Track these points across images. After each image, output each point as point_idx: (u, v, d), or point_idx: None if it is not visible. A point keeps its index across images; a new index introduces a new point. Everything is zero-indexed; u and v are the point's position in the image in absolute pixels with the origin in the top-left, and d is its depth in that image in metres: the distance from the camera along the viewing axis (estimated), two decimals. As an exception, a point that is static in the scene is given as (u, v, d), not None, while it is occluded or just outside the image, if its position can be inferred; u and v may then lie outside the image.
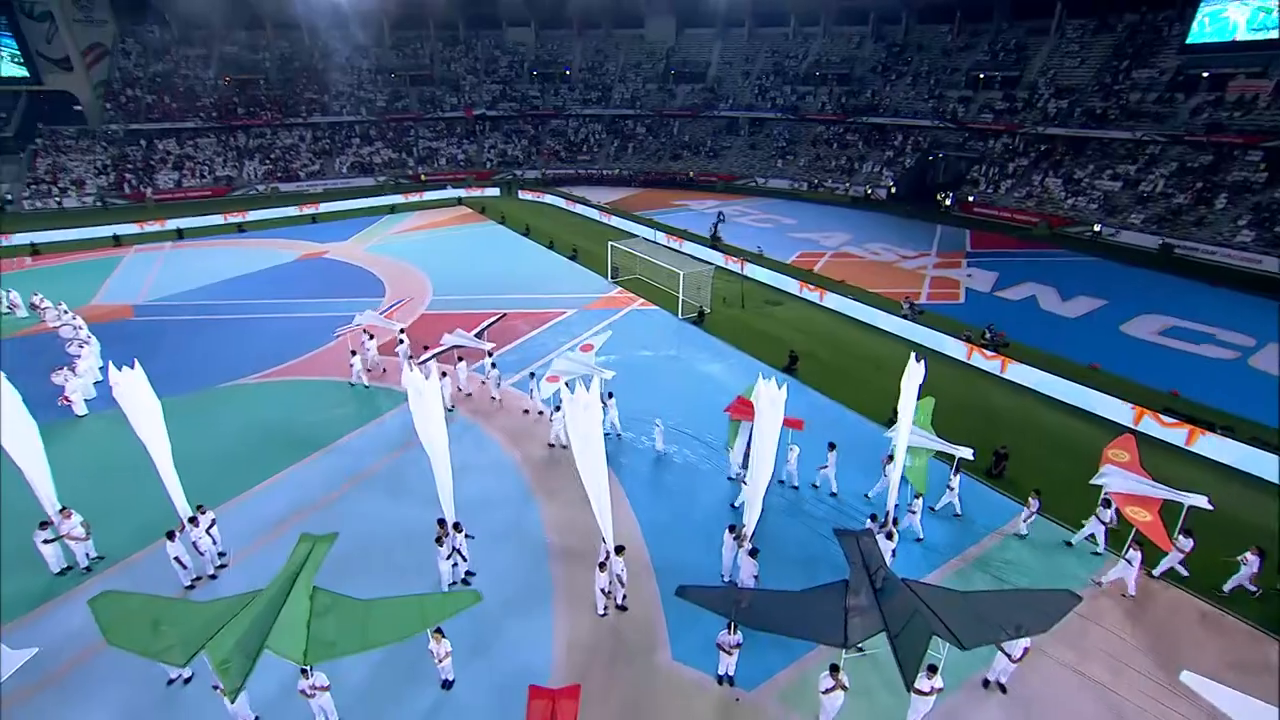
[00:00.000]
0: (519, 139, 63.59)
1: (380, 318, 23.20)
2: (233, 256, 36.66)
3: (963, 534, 14.57)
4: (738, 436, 15.44)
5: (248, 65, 60.80)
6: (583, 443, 10.86)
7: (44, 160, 50.71)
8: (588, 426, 10.70)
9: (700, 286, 27.95)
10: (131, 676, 11.04)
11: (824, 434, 17.25)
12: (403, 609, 10.12)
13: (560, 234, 39.40)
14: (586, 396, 10.51)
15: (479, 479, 16.54)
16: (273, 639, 9.34)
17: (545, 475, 16.74)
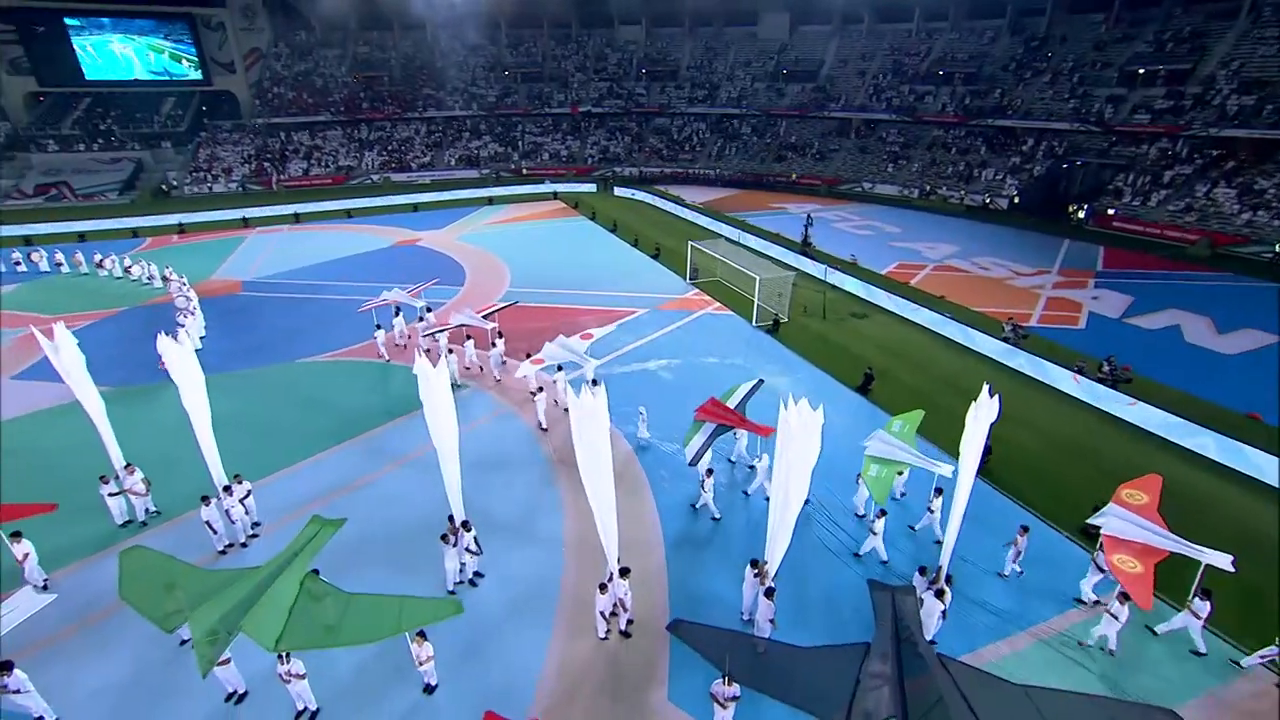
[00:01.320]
0: (622, 136, 63.75)
1: (407, 295, 24.03)
2: (337, 240, 39.13)
3: (1039, 601, 12.29)
4: (696, 435, 14.68)
5: (376, 63, 65.19)
6: (588, 454, 9.99)
7: (205, 151, 56.88)
8: (594, 436, 9.81)
9: (780, 293, 26.27)
10: (152, 632, 11.42)
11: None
12: (382, 609, 9.74)
13: (647, 232, 38.81)
14: (592, 403, 9.61)
15: (508, 472, 16.16)
16: (250, 620, 9.24)
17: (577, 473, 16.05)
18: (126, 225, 41.89)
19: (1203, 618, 10.87)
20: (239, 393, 20.59)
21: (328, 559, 12.34)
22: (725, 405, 15.46)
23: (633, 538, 13.87)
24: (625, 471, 16.24)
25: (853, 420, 18.46)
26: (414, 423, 18.48)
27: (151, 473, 14.99)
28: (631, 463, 16.65)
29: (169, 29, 58.47)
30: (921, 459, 13.23)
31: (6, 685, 9.90)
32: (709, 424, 14.77)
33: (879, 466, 13.09)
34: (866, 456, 13.40)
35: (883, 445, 13.45)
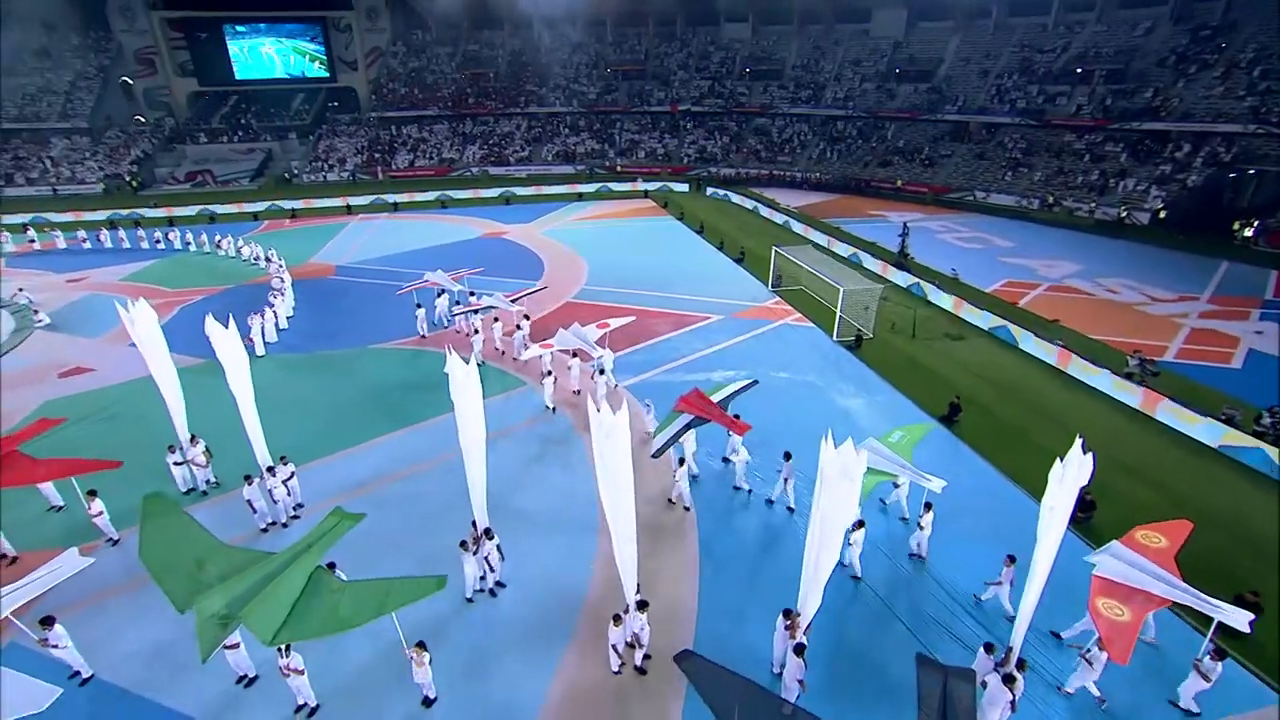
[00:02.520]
0: (720, 136, 62.34)
1: (447, 278, 24.73)
2: (429, 230, 40.55)
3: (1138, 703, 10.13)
4: (669, 425, 14.30)
5: (484, 60, 67.52)
6: (607, 476, 9.11)
7: (324, 143, 61.12)
8: (614, 458, 8.92)
9: (867, 306, 24.26)
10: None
11: (970, 510, 13.59)
12: (371, 592, 9.41)
13: (734, 234, 37.46)
14: (612, 420, 8.73)
15: (552, 473, 15.60)
16: (251, 610, 9.10)
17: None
18: (250, 209, 45.60)
19: (1212, 680, 9.51)
20: (308, 373, 21.44)
21: (353, 552, 12.34)
22: (708, 399, 14.92)
23: (663, 563, 12.90)
24: (667, 490, 15.24)
25: (932, 453, 16.45)
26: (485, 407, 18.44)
27: (217, 446, 15.64)
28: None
29: (307, 31, 63.34)
30: (912, 471, 12.39)
31: (47, 639, 10.41)
32: (685, 416, 14.36)
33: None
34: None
35: (870, 454, 12.34)
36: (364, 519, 11.57)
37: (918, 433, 14.25)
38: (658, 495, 15.01)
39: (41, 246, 37.22)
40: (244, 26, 61.86)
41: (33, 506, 14.73)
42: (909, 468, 12.54)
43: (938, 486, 12.27)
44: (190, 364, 22.02)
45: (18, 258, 35.73)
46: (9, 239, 37.40)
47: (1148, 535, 10.74)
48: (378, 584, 9.64)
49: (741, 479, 15.06)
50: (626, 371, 20.87)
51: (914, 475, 12.38)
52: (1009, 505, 14.62)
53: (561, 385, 19.40)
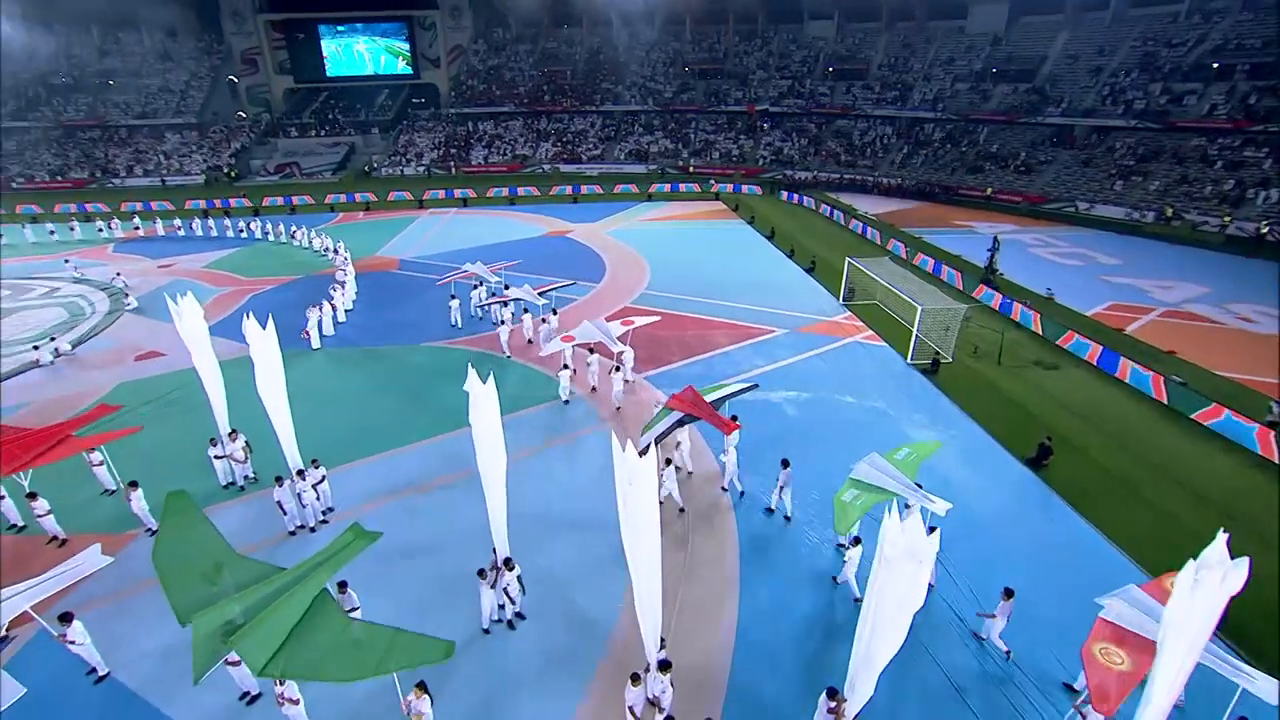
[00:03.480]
0: (798, 138, 60.02)
1: (485, 270, 25.05)
2: (495, 226, 40.67)
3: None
4: (658, 423, 13.94)
5: (562, 58, 67.81)
6: (631, 523, 8.04)
7: (404, 138, 63.00)
8: (638, 508, 7.82)
9: (948, 327, 22.07)
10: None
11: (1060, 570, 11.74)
12: (371, 643, 8.65)
13: (806, 242, 35.55)
14: (635, 462, 7.62)
15: (588, 496, 14.63)
16: (244, 634, 8.58)
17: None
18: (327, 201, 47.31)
19: None
20: (358, 370, 21.41)
21: (371, 566, 11.81)
22: (701, 397, 14.45)
23: (694, 616, 11.64)
24: (708, 521, 13.99)
25: (1015, 502, 14.50)
26: (514, 425, 17.75)
27: (260, 441, 15.58)
28: (718, 514, 14.27)
29: (394, 30, 65.55)
30: (914, 491, 11.51)
31: (65, 635, 10.33)
32: (674, 414, 14.04)
33: (856, 492, 11.61)
34: (849, 479, 11.92)
35: (870, 470, 11.90)
36: (379, 538, 10.92)
37: (925, 450, 13.25)
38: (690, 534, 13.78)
39: (144, 233, 39.76)
40: (340, 26, 64.64)
41: (87, 490, 15.06)
42: (913, 488, 11.61)
43: (941, 509, 11.31)
44: (247, 354, 22.58)
45: (124, 243, 38.26)
46: (119, 225, 40.15)
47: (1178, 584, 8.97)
48: (380, 634, 8.86)
49: (734, 478, 14.71)
50: (674, 385, 19.54)
51: (917, 496, 11.47)
52: (1107, 569, 12.49)
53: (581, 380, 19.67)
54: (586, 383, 19.67)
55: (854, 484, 11.84)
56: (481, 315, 25.08)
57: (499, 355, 21.95)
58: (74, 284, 30.50)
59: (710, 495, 14.81)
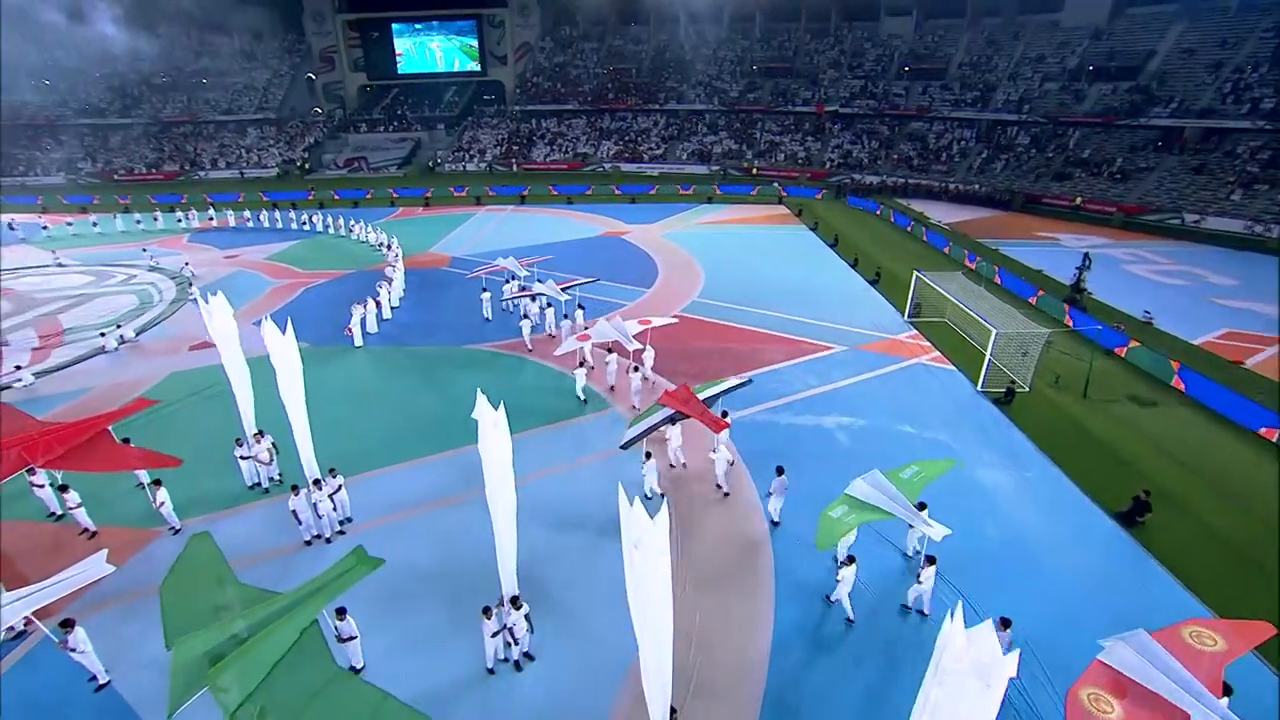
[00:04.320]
0: (868, 140, 57.22)
1: (517, 265, 25.77)
2: (551, 224, 40.25)
3: None
4: (646, 418, 13.93)
5: (628, 56, 67.14)
6: (640, 593, 6.97)
7: (468, 134, 63.77)
8: (644, 573, 6.74)
9: (1026, 352, 19.92)
10: (211, 618, 11.22)
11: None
12: (355, 705, 7.87)
13: (871, 251, 33.44)
14: (643, 523, 6.53)
15: (603, 525, 13.60)
16: (224, 667, 7.98)
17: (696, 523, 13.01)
18: (387, 195, 48.18)
19: None
20: (396, 371, 21.08)
21: (379, 586, 11.26)
22: (694, 395, 14.42)
23: (723, 664, 10.46)
24: (744, 561, 12.72)
25: (1101, 563, 12.57)
26: (551, 435, 16.96)
27: (288, 442, 15.32)
28: (755, 552, 12.96)
29: (464, 27, 66.54)
30: (911, 513, 10.97)
31: (66, 642, 10.11)
32: (664, 410, 14.05)
33: (846, 509, 11.08)
34: (843, 495, 11.41)
35: (867, 487, 11.31)
36: (381, 565, 10.22)
37: (935, 470, 12.48)
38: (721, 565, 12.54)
39: (218, 224, 41.44)
40: (411, 25, 66.12)
41: (122, 483, 15.14)
42: (912, 510, 11.05)
43: (938, 534, 10.90)
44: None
45: (199, 233, 39.96)
46: (195, 216, 42.00)
47: (1199, 633, 8.58)
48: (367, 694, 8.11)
49: (722, 478, 14.51)
50: (719, 404, 18.37)
51: (914, 519, 10.97)
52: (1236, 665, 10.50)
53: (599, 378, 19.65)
54: (605, 381, 19.43)
55: (847, 500, 11.30)
56: (510, 309, 24.87)
57: (532, 360, 21.31)
58: (149, 272, 31.85)
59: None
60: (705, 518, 13.87)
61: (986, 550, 12.75)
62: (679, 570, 12.31)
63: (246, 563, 12.83)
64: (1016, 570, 12.31)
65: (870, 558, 12.20)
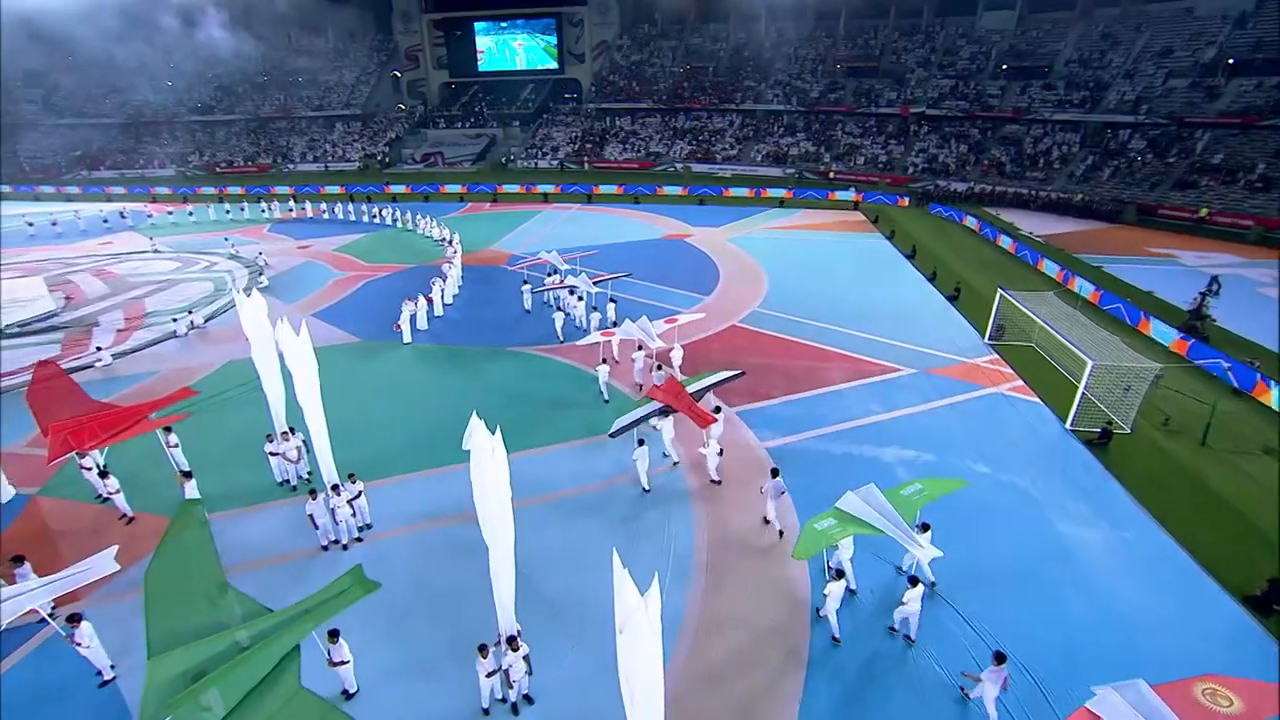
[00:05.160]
0: (956, 144, 53.48)
1: (559, 259, 26.60)
2: (615, 225, 39.57)
3: None
4: (635, 410, 14.31)
5: (705, 55, 65.75)
6: (631, 668, 5.90)
7: (542, 131, 64.20)
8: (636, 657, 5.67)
9: (1129, 386, 17.43)
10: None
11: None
12: None
13: (952, 264, 30.84)
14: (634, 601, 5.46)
15: (640, 555, 12.51)
16: (201, 689, 7.52)
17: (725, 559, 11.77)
18: (457, 190, 48.99)
19: None
20: (439, 371, 20.80)
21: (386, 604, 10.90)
22: (683, 389, 14.75)
23: None
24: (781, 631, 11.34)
25: (1226, 661, 10.38)
26: (584, 454, 16.04)
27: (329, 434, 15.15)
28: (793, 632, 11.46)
29: (544, 26, 67.13)
30: (902, 532, 10.46)
31: (73, 636, 10.03)
32: (652, 403, 14.41)
33: (833, 522, 10.67)
34: (833, 508, 11.02)
35: (859, 502, 10.88)
36: (378, 590, 9.55)
37: (939, 489, 11.81)
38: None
39: (296, 215, 43.23)
40: (492, 24, 67.33)
41: (166, 470, 15.36)
42: (904, 528, 10.46)
43: (926, 556, 10.53)
44: (340, 342, 22.90)
45: (279, 224, 41.78)
46: (277, 207, 44.01)
47: (1214, 691, 7.61)
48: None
49: (714, 471, 14.50)
50: (769, 427, 16.97)
51: (902, 538, 10.39)
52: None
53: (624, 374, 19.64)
54: (632, 379, 19.27)
55: (835, 513, 10.89)
56: (549, 302, 25.14)
57: (571, 365, 20.58)
58: (228, 260, 33.36)
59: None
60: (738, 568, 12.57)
61: (1070, 628, 10.83)
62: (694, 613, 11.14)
63: (262, 564, 12.64)
64: (1108, 657, 10.36)
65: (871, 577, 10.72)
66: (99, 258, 34.92)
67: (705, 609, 11.36)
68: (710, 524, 13.54)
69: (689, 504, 14.14)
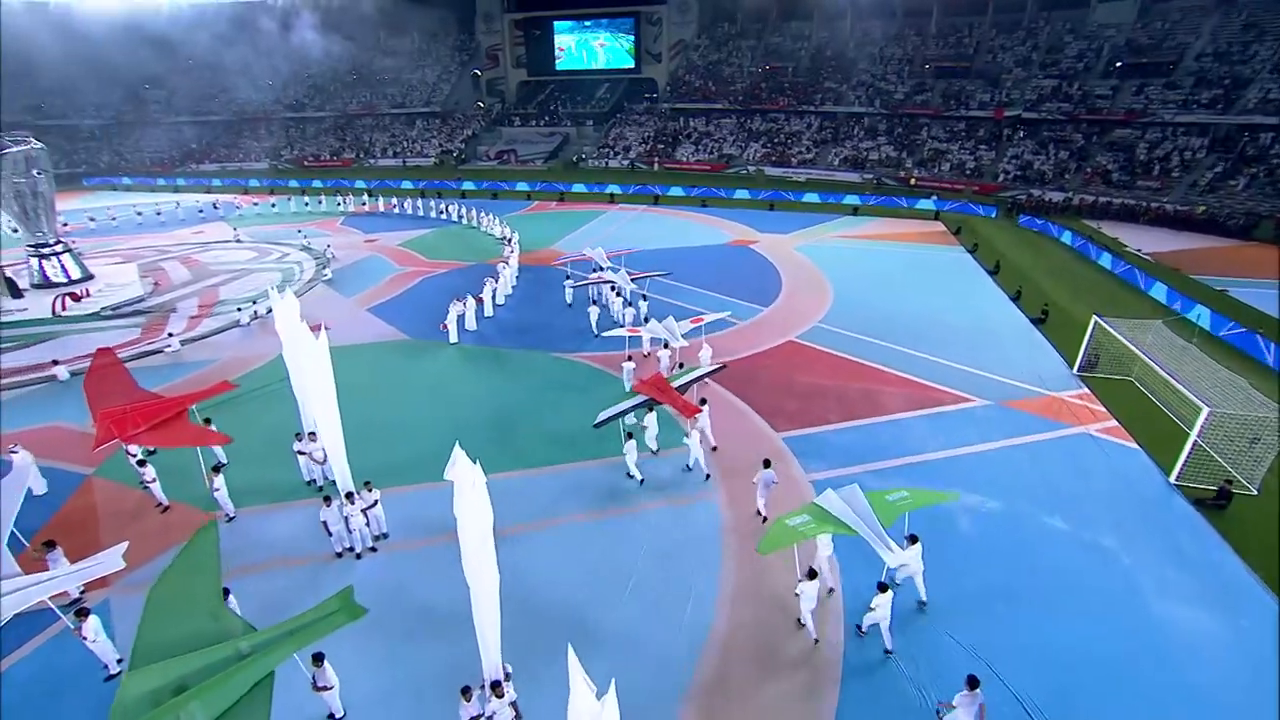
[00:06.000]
0: (1055, 150, 49.13)
1: (604, 256, 27.27)
2: (679, 228, 38.59)
3: None
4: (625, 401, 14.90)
5: (786, 54, 63.58)
6: None
7: (615, 131, 63.91)
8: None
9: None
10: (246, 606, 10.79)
11: None
12: None
13: (1040, 283, 28.06)
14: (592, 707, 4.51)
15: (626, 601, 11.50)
16: (171, 707, 7.18)
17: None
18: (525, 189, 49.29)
19: None
20: (479, 375, 20.44)
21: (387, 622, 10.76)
22: (667, 383, 15.24)
23: None
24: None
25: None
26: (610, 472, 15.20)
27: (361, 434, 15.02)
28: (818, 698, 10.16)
29: (622, 25, 66.88)
30: (874, 535, 10.07)
31: (80, 629, 10.05)
32: (637, 396, 14.92)
33: (807, 519, 10.52)
34: (812, 503, 10.96)
35: (839, 501, 10.67)
36: (364, 615, 8.99)
37: (925, 499, 11.48)
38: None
39: (369, 209, 44.64)
40: (576, 23, 67.72)
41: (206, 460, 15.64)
42: (874, 530, 10.20)
43: (894, 561, 10.22)
44: (389, 339, 22.99)
45: (352, 217, 43.22)
46: (351, 200, 45.62)
47: None
48: None
49: (695, 462, 14.75)
50: (818, 457, 15.55)
51: (874, 540, 10.15)
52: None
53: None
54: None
55: (812, 509, 10.79)
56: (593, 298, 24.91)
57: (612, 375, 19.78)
58: (300, 251, 34.62)
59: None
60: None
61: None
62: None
63: (277, 565, 12.51)
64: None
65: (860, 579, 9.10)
66: (189, 246, 37.09)
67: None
68: (739, 579, 12.35)
69: (719, 546, 12.99)
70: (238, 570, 12.32)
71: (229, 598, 10.30)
